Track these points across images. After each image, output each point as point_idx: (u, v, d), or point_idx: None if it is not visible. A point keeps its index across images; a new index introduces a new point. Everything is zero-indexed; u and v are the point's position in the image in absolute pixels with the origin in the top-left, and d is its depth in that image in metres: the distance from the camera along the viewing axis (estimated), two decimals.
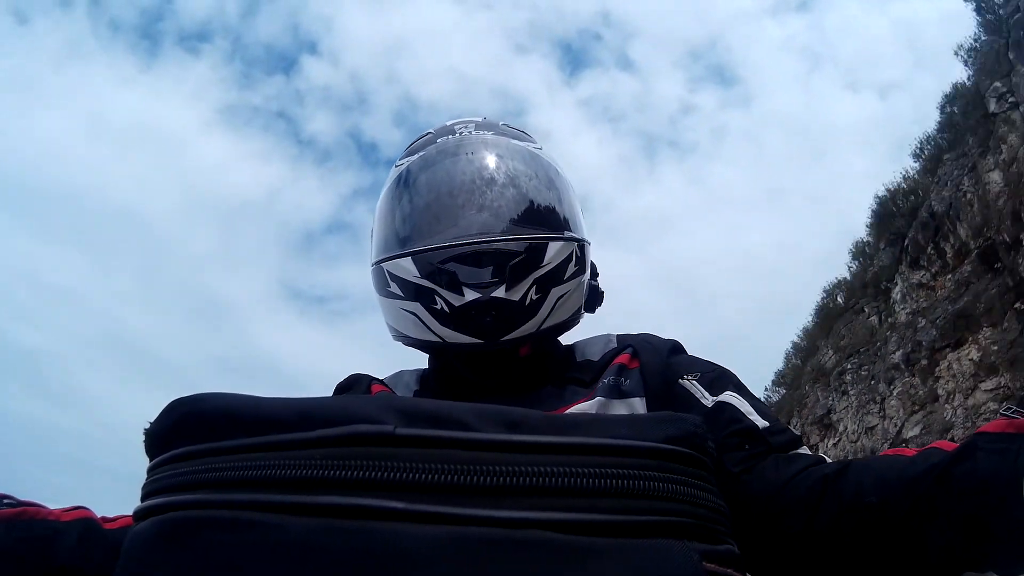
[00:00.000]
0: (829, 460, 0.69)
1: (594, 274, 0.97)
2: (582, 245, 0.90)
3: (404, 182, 0.90)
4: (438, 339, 0.83)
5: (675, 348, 0.90)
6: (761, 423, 0.73)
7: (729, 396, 0.77)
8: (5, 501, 0.63)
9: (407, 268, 0.83)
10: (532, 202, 0.87)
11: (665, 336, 0.92)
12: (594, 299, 0.97)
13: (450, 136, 0.93)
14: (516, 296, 0.81)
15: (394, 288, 0.85)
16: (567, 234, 0.87)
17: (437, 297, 0.81)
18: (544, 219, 0.87)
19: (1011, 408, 0.54)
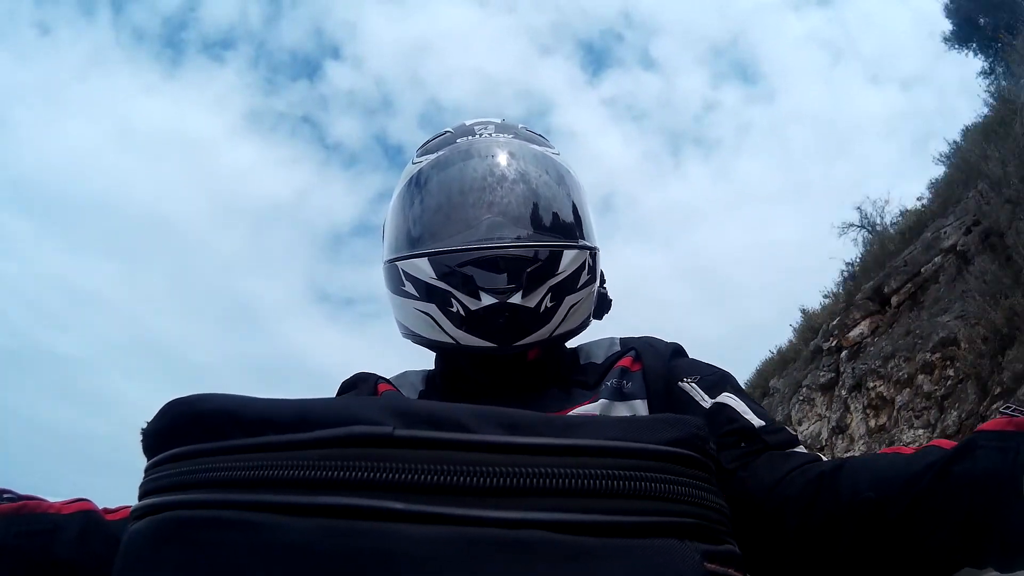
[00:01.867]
0: (825, 459, 0.69)
1: (602, 281, 0.97)
2: (594, 253, 0.91)
3: (421, 181, 0.90)
4: (452, 341, 0.83)
5: (677, 351, 0.91)
6: (757, 422, 0.74)
7: (726, 397, 0.78)
8: (5, 495, 0.63)
9: (423, 268, 0.83)
10: (549, 208, 0.88)
11: (669, 339, 0.93)
12: (602, 306, 0.97)
13: (469, 137, 0.93)
14: (532, 303, 0.81)
15: (408, 287, 0.85)
16: (582, 242, 0.88)
17: (453, 300, 0.81)
18: (560, 226, 0.88)
19: (1011, 406, 0.54)
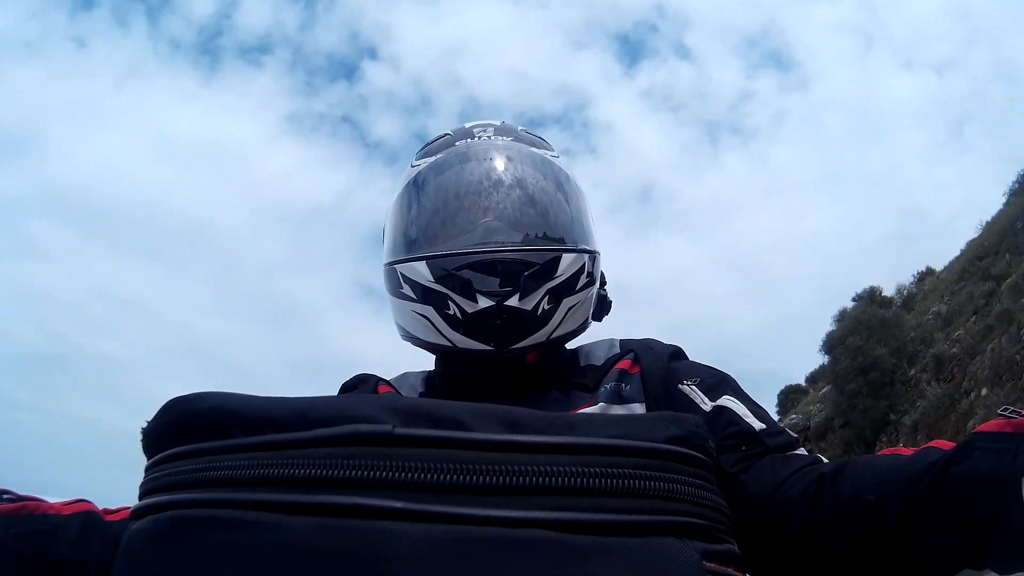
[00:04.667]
0: (826, 460, 0.69)
1: (602, 283, 0.98)
2: (593, 256, 0.91)
3: (419, 184, 0.91)
4: (449, 343, 0.84)
5: (676, 354, 0.91)
6: (758, 425, 0.74)
7: (727, 400, 0.78)
8: (5, 496, 0.63)
9: (421, 272, 0.84)
10: (547, 211, 0.88)
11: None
12: (602, 308, 0.98)
13: (467, 139, 0.94)
14: (529, 305, 0.82)
15: (407, 290, 0.86)
16: (580, 246, 0.89)
17: (450, 302, 0.82)
18: (558, 229, 0.88)
19: (1008, 408, 0.54)
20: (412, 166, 0.96)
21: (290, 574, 0.36)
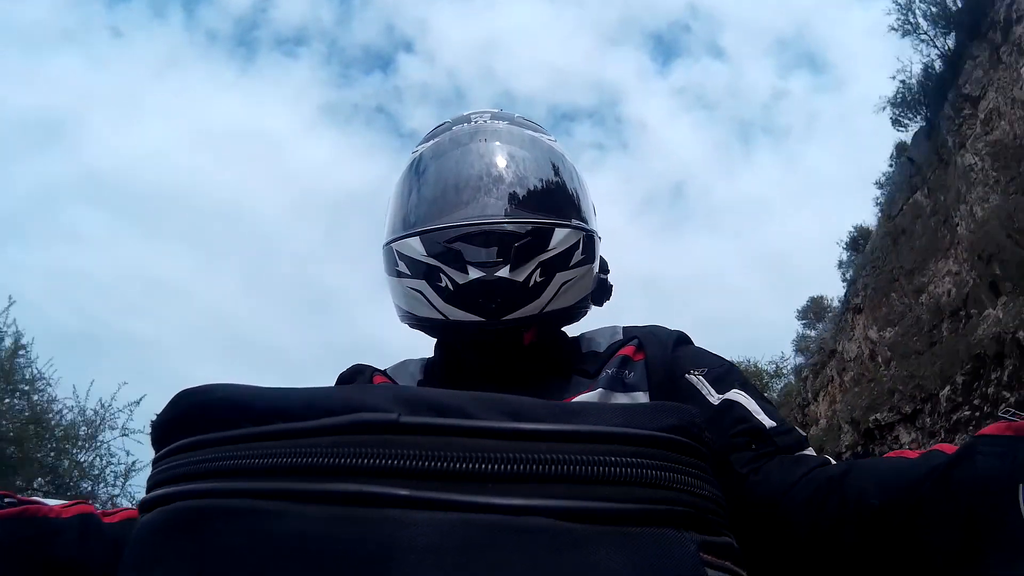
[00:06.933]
0: (833, 462, 0.69)
1: (605, 270, 0.98)
2: (590, 236, 0.91)
3: (417, 167, 0.93)
4: (441, 316, 0.85)
5: (681, 340, 0.90)
6: (768, 423, 0.74)
7: (736, 394, 0.77)
8: (6, 500, 0.63)
9: (414, 247, 0.85)
10: (540, 188, 0.89)
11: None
12: (602, 293, 0.98)
13: (465, 124, 0.96)
14: (520, 277, 0.82)
15: (402, 267, 0.88)
16: (575, 222, 0.89)
17: (442, 275, 0.83)
18: (552, 205, 0.89)
19: (1010, 411, 0.55)
20: (412, 152, 0.98)
21: (298, 561, 0.36)
